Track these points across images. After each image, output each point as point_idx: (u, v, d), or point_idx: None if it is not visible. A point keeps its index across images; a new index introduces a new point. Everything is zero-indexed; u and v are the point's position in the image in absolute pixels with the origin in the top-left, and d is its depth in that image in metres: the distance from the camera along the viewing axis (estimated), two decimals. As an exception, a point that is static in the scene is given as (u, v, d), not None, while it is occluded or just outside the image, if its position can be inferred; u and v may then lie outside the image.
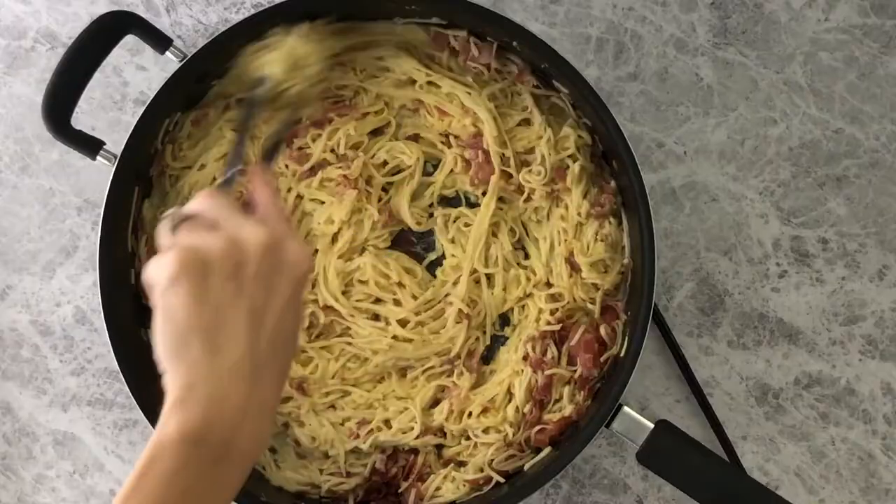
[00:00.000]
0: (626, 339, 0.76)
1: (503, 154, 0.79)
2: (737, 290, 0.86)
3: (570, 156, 0.80)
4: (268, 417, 0.55)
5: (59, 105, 0.73)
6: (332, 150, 0.81)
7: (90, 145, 0.75)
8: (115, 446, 0.86)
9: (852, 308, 0.86)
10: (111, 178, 0.76)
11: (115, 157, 0.75)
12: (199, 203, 0.57)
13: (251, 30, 0.76)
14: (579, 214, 0.79)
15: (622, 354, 0.76)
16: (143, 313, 0.81)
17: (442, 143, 0.83)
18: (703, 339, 0.86)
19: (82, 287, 0.88)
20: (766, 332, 0.86)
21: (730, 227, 0.86)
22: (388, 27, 0.81)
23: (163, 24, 0.87)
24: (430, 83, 0.81)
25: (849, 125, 0.87)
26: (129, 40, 0.88)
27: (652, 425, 0.72)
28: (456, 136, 0.82)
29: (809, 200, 0.87)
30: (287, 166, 0.81)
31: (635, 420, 0.73)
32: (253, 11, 0.77)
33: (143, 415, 0.74)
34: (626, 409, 0.73)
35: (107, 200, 0.75)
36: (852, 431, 0.85)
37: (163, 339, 0.53)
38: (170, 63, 0.77)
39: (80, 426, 0.87)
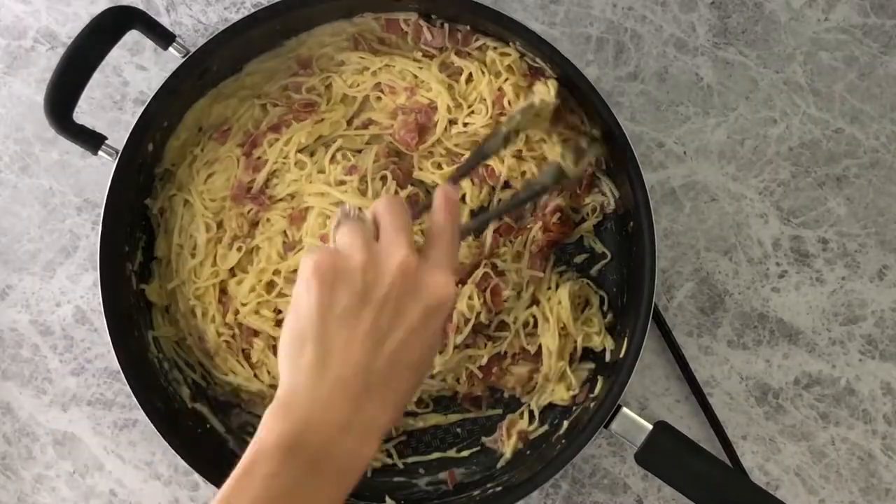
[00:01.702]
0: (626, 339, 0.76)
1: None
2: (737, 290, 0.86)
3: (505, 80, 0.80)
4: (373, 438, 0.54)
5: (61, 99, 0.73)
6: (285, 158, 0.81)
7: (92, 140, 0.75)
8: (115, 446, 0.86)
9: (852, 308, 0.86)
10: (112, 173, 0.75)
11: (117, 153, 0.75)
12: (376, 207, 0.57)
13: (255, 26, 0.76)
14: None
15: (622, 355, 0.76)
16: (143, 313, 0.81)
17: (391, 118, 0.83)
18: (703, 339, 0.86)
19: (82, 287, 0.88)
20: (766, 332, 0.86)
21: (730, 227, 0.86)
22: (340, 26, 0.82)
23: (163, 23, 0.87)
24: (386, 66, 0.82)
25: (849, 125, 0.87)
26: (129, 41, 0.88)
27: (650, 426, 0.72)
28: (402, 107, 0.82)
29: (809, 200, 0.87)
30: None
31: (634, 421, 0.73)
32: (253, 10, 0.77)
33: (143, 415, 0.74)
34: (624, 409, 0.73)
35: (108, 196, 0.75)
36: (852, 431, 0.85)
37: (284, 334, 0.54)
38: (170, 63, 0.77)
39: (80, 426, 0.87)
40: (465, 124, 0.80)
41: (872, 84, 0.87)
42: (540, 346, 0.80)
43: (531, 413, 0.82)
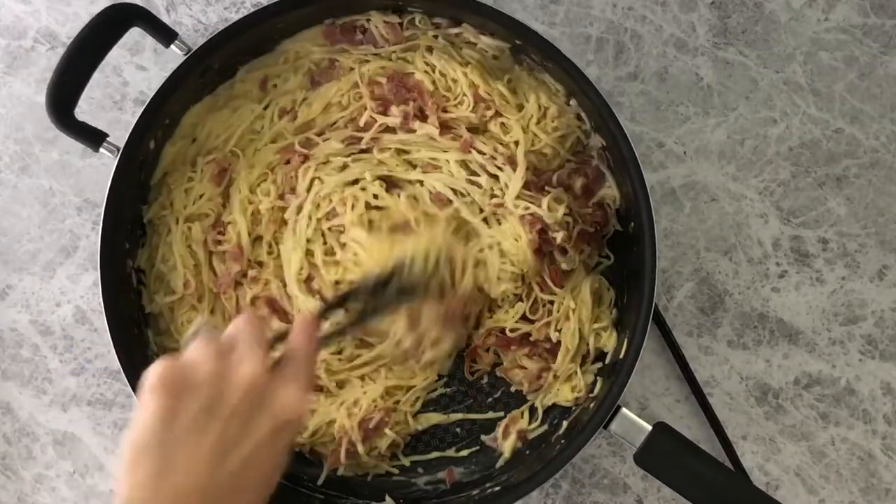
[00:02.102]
0: (626, 340, 0.76)
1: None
2: (737, 290, 0.86)
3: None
4: None
5: (63, 96, 0.73)
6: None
7: (93, 137, 0.75)
8: (115, 446, 0.86)
9: (852, 308, 0.86)
10: (113, 170, 0.75)
11: (118, 150, 0.75)
12: (235, 321, 0.57)
13: (259, 24, 0.77)
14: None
15: (622, 356, 0.76)
16: (143, 312, 0.81)
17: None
18: (703, 339, 0.86)
19: (82, 287, 0.88)
20: (766, 332, 0.86)
21: (730, 227, 0.86)
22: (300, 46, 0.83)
23: (163, 23, 0.87)
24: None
25: (849, 125, 0.87)
26: (129, 41, 0.88)
27: (650, 427, 0.72)
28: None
29: (809, 200, 0.87)
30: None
31: (633, 422, 0.73)
32: (253, 10, 0.78)
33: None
34: (624, 410, 0.73)
35: (109, 194, 0.75)
36: (852, 431, 0.85)
37: (125, 446, 0.52)
38: (169, 63, 0.77)
39: (80, 426, 0.87)
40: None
41: (872, 84, 0.87)
42: (558, 343, 0.80)
43: (533, 412, 0.82)
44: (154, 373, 0.53)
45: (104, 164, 0.88)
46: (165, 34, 0.76)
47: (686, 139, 0.87)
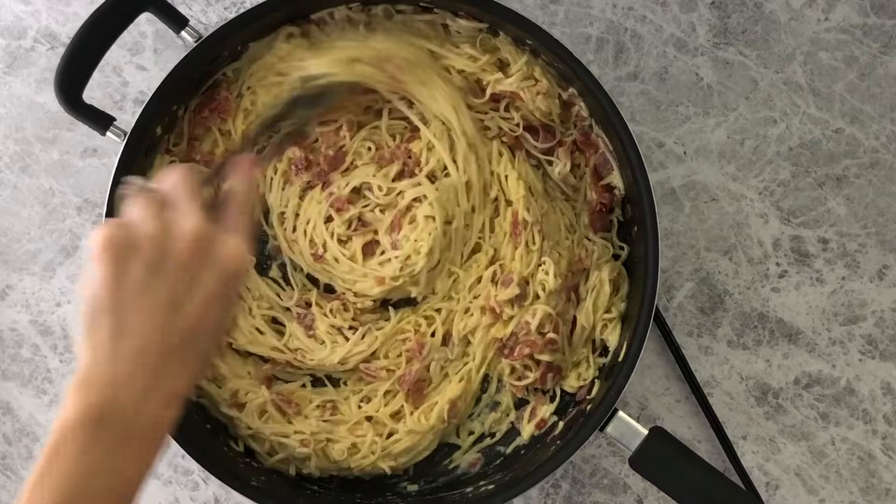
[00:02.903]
0: (626, 342, 0.76)
1: None
2: (737, 290, 0.86)
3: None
4: (175, 401, 0.55)
5: (72, 78, 0.74)
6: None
7: (101, 121, 0.75)
8: (115, 446, 0.86)
9: (852, 308, 0.86)
10: (120, 153, 0.75)
11: (125, 134, 0.75)
12: (165, 178, 0.57)
13: (266, 14, 0.77)
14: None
15: (621, 357, 0.76)
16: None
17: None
18: (703, 339, 0.86)
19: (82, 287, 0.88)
20: (766, 332, 0.86)
21: (730, 227, 0.86)
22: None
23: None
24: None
25: (849, 125, 0.87)
26: (129, 41, 0.88)
27: (646, 432, 0.72)
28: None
29: (809, 200, 0.87)
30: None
31: (630, 426, 0.73)
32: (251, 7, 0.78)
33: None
34: (620, 413, 0.73)
35: (113, 179, 0.75)
36: (852, 431, 0.85)
37: (81, 311, 0.54)
38: (169, 63, 0.77)
39: (80, 426, 0.87)
40: None
41: (872, 84, 0.87)
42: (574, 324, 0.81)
43: (553, 395, 0.82)
44: (96, 239, 0.53)
45: (104, 164, 0.88)
46: (176, 20, 0.76)
47: (686, 139, 0.87)
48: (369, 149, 0.82)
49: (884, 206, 0.86)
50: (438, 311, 0.82)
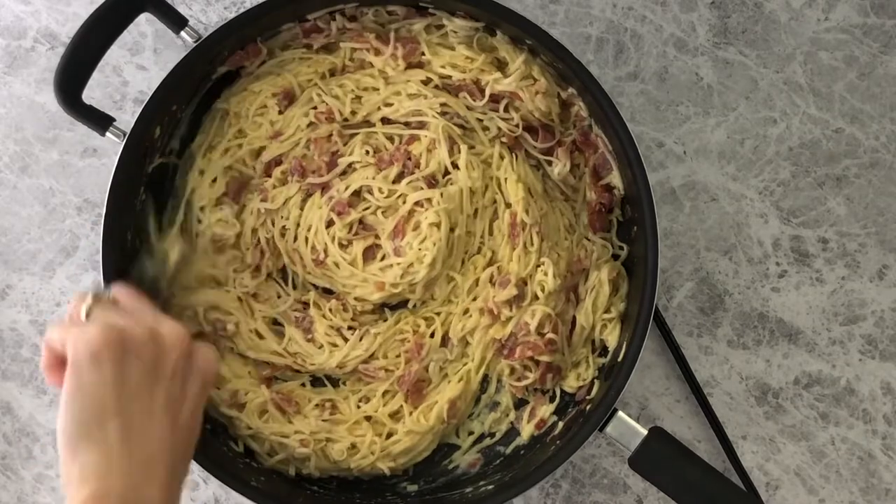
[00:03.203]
0: (626, 342, 0.76)
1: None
2: (737, 290, 0.86)
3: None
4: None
5: (71, 78, 0.73)
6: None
7: (100, 121, 0.75)
8: (115, 446, 0.86)
9: (852, 308, 0.86)
10: (119, 153, 0.75)
11: (125, 135, 0.75)
12: (119, 289, 0.58)
13: (266, 14, 0.78)
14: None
15: (621, 358, 0.76)
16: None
17: None
18: (703, 339, 0.86)
19: (82, 287, 0.88)
20: (766, 331, 0.86)
21: (730, 227, 0.86)
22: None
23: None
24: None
25: (849, 125, 0.87)
26: (129, 40, 0.88)
27: (645, 432, 0.72)
28: None
29: (809, 200, 0.87)
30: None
31: (629, 426, 0.73)
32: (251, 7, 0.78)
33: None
34: (620, 413, 0.73)
35: (112, 179, 0.75)
36: (852, 431, 0.85)
37: (73, 415, 0.51)
38: (169, 63, 0.77)
39: (80, 426, 0.87)
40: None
41: (872, 84, 0.87)
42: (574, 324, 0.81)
43: (552, 395, 0.82)
44: (94, 337, 0.52)
45: (104, 164, 0.88)
46: (176, 20, 0.76)
47: (686, 139, 0.87)
48: (367, 153, 0.82)
49: (884, 206, 0.86)
50: (438, 313, 0.82)
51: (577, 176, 0.83)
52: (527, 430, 0.82)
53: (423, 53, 0.81)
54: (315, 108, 0.82)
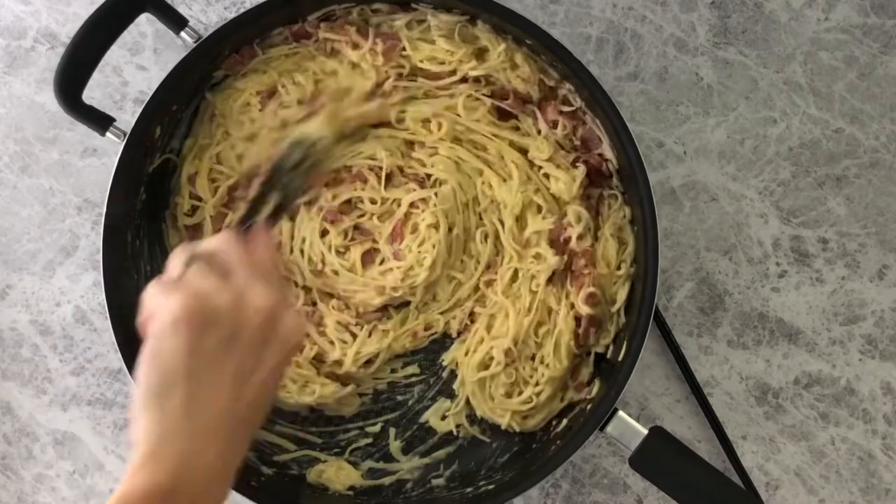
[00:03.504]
0: (626, 342, 0.76)
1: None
2: (737, 290, 0.86)
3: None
4: (230, 481, 0.54)
5: (71, 78, 0.74)
6: None
7: (100, 121, 0.75)
8: (115, 446, 0.86)
9: (852, 308, 0.86)
10: (119, 154, 0.75)
11: (125, 135, 0.75)
12: (219, 243, 0.57)
13: (265, 15, 0.78)
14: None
15: (620, 358, 0.76)
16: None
17: None
18: (703, 339, 0.86)
19: (82, 287, 0.88)
20: (766, 331, 0.86)
21: (730, 227, 0.86)
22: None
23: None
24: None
25: (849, 125, 0.87)
26: (129, 41, 0.88)
27: (646, 431, 0.72)
28: None
29: (809, 200, 0.87)
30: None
31: (630, 425, 0.73)
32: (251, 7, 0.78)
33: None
34: (620, 413, 0.73)
35: (113, 180, 0.75)
36: (852, 431, 0.85)
37: (147, 378, 0.52)
38: (169, 63, 0.77)
39: (80, 426, 0.87)
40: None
41: (872, 84, 0.87)
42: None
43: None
44: (175, 304, 0.52)
45: (104, 164, 0.89)
46: (176, 21, 0.76)
47: (686, 139, 0.87)
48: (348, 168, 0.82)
49: (884, 206, 0.86)
50: (443, 312, 0.82)
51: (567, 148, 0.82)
52: (568, 394, 0.81)
53: (403, 49, 0.81)
54: (281, 104, 0.81)
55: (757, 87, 0.87)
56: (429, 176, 0.81)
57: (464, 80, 0.80)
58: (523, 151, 0.81)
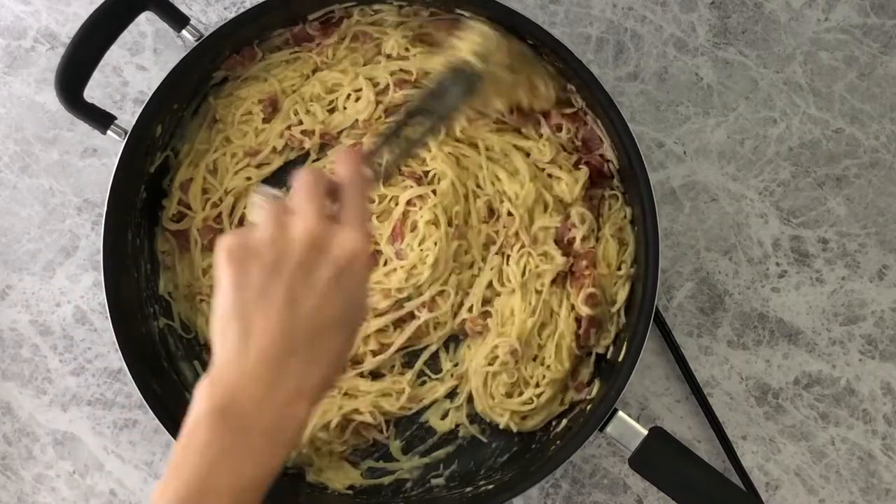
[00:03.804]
0: (626, 342, 0.76)
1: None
2: (737, 290, 0.86)
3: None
4: (303, 398, 0.56)
5: (72, 78, 0.74)
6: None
7: (101, 119, 0.75)
8: (115, 446, 0.86)
9: (852, 308, 0.86)
10: (120, 152, 0.75)
11: (126, 133, 0.75)
12: (295, 181, 0.59)
13: (266, 14, 0.77)
14: None
15: (620, 358, 0.76)
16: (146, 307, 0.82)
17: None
18: (703, 339, 0.86)
19: (82, 287, 0.88)
20: (766, 332, 0.86)
21: (730, 227, 0.86)
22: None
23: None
24: None
25: (849, 125, 0.87)
26: (129, 41, 0.88)
27: (645, 432, 0.72)
28: None
29: (809, 200, 0.87)
30: None
31: (629, 426, 0.73)
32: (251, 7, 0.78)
33: (143, 415, 0.74)
34: (620, 413, 0.73)
35: (114, 178, 0.75)
36: (852, 431, 0.85)
37: (212, 317, 0.57)
38: (169, 63, 0.77)
39: (80, 426, 0.87)
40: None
41: (872, 84, 0.87)
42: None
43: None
44: (220, 247, 0.56)
45: (104, 164, 0.89)
46: (177, 19, 0.76)
47: (686, 139, 0.87)
48: None
49: (884, 206, 0.86)
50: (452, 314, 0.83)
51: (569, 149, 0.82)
52: (569, 396, 0.81)
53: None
54: (290, 128, 0.82)
55: (757, 87, 0.87)
56: (427, 173, 0.81)
57: None
58: (525, 154, 0.81)
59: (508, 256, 0.81)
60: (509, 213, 0.80)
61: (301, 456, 0.81)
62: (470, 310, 0.81)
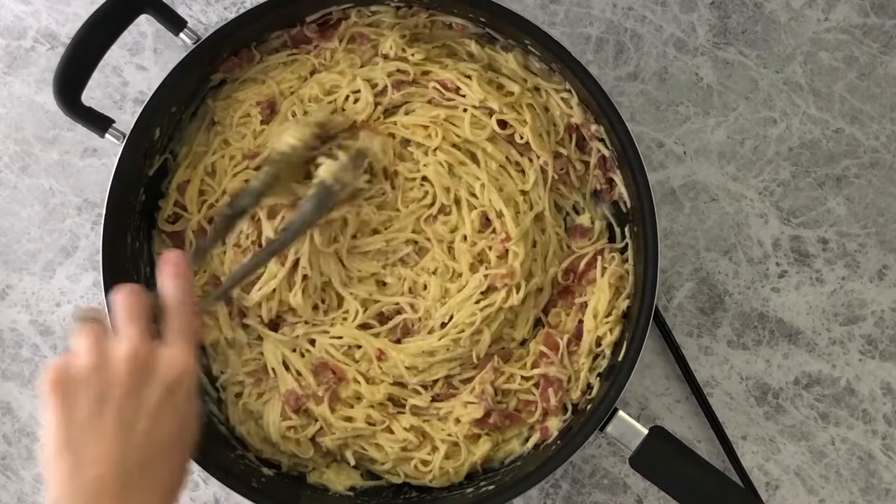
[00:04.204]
0: (626, 342, 0.76)
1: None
2: (737, 290, 0.86)
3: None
4: None
5: (71, 79, 0.74)
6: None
7: (99, 122, 0.75)
8: (115, 446, 0.86)
9: (852, 308, 0.86)
10: (118, 156, 0.75)
11: (124, 136, 0.75)
12: (112, 299, 0.59)
13: (265, 15, 0.78)
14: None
15: (621, 358, 0.76)
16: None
17: None
18: (703, 339, 0.86)
19: (82, 287, 0.88)
20: (766, 332, 0.86)
21: (730, 227, 0.86)
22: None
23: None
24: None
25: (849, 125, 0.87)
26: (129, 41, 0.89)
27: (646, 431, 0.72)
28: None
29: (809, 200, 0.87)
30: None
31: (630, 425, 0.73)
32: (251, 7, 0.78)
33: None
34: (621, 413, 0.73)
35: (112, 181, 0.75)
36: (852, 431, 0.85)
37: (42, 449, 0.56)
38: (169, 63, 0.77)
39: (80, 426, 0.87)
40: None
41: (872, 84, 0.87)
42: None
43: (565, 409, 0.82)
44: (43, 378, 0.56)
45: (104, 164, 0.89)
46: (175, 22, 0.76)
47: (686, 139, 0.87)
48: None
49: (884, 206, 0.86)
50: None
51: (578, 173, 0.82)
52: (532, 441, 0.81)
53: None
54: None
55: (757, 87, 0.87)
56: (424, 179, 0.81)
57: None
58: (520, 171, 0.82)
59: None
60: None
61: (301, 458, 0.81)
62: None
